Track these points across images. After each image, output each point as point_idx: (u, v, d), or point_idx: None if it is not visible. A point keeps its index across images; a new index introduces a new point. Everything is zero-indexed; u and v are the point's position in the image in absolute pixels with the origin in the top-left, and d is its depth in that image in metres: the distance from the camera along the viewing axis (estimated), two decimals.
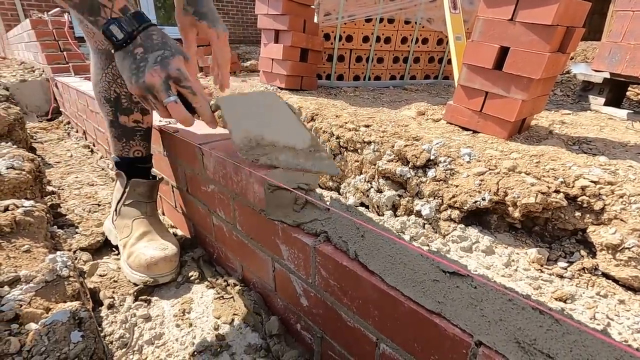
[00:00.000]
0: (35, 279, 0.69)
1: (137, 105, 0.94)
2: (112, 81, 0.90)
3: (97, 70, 0.92)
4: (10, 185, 1.02)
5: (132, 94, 0.90)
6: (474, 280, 0.48)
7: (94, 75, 0.93)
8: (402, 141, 1.36)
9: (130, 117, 0.94)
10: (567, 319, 0.39)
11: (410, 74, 2.76)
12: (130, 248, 0.95)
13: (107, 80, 0.90)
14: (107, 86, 0.91)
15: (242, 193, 0.77)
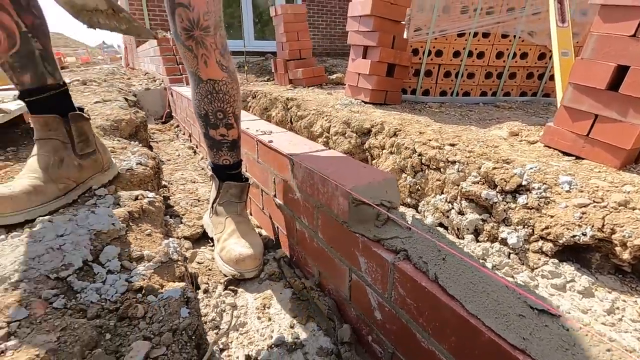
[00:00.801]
0: (154, 259, 0.83)
1: (221, 121, 1.03)
2: (201, 100, 0.99)
3: (191, 90, 1.02)
4: (138, 178, 1.23)
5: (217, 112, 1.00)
6: (566, 321, 0.45)
7: (191, 94, 1.04)
8: (490, 163, 1.30)
9: (217, 131, 1.04)
10: None
11: (504, 90, 2.59)
12: (223, 243, 1.07)
13: (198, 99, 0.99)
14: (198, 104, 1.01)
15: (327, 204, 0.83)
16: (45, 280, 0.65)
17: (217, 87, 0.97)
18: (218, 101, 0.98)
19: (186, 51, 0.92)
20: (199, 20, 0.87)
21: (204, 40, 0.90)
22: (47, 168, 0.91)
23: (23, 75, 0.88)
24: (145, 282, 0.74)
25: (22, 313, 0.57)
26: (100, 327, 0.59)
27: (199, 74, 0.95)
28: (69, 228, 0.77)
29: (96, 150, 1.05)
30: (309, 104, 2.43)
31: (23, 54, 0.86)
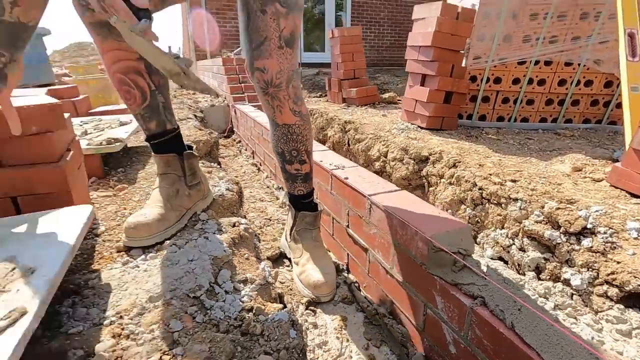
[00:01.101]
0: (255, 282, 0.99)
1: (295, 158, 1.14)
2: (277, 140, 1.12)
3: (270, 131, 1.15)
4: (228, 203, 1.43)
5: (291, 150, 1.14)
6: None
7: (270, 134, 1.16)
8: (553, 203, 1.34)
9: (292, 166, 1.16)
10: None
11: (565, 117, 2.55)
12: (302, 267, 1.20)
13: (275, 139, 1.12)
14: (275, 143, 1.14)
15: (405, 244, 0.95)
16: (186, 298, 0.83)
17: (291, 130, 1.10)
18: (292, 142, 1.11)
19: (265, 103, 1.07)
20: (272, 80, 1.00)
21: (277, 94, 1.03)
22: (168, 198, 1.11)
23: (150, 123, 1.10)
24: (253, 303, 0.90)
25: (179, 325, 0.75)
26: (233, 341, 0.75)
27: (275, 120, 1.08)
28: (195, 254, 0.96)
29: (200, 181, 1.25)
30: (366, 127, 2.56)
31: (151, 107, 1.07)
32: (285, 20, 0.92)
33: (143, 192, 1.44)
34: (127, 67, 1.00)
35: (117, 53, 0.97)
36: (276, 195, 2.12)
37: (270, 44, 0.94)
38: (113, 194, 1.43)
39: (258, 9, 0.90)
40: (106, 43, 0.96)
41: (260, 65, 0.97)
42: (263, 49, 0.94)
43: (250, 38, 0.95)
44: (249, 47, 0.96)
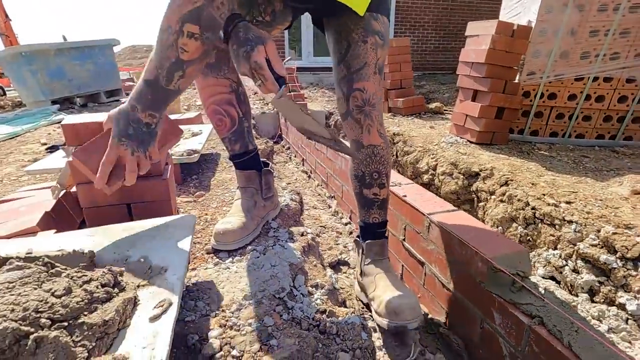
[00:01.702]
0: (325, 287, 1.13)
1: (376, 181, 1.16)
2: (360, 163, 1.15)
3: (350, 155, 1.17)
4: (292, 212, 1.58)
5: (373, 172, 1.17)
6: None
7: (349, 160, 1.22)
8: (610, 227, 1.36)
9: (370, 191, 1.16)
10: None
11: (625, 135, 2.47)
12: (379, 299, 1.11)
13: (357, 162, 1.15)
14: (356, 167, 1.15)
15: (464, 263, 1.04)
16: (273, 299, 0.98)
17: (376, 151, 1.15)
18: (375, 163, 1.16)
19: (354, 123, 1.13)
20: (369, 99, 1.09)
21: (371, 113, 1.10)
22: (248, 209, 1.27)
23: (235, 145, 1.25)
24: (325, 306, 1.03)
25: (271, 321, 0.90)
26: (315, 338, 0.89)
27: (361, 140, 1.12)
28: (276, 260, 1.11)
29: (274, 194, 1.41)
30: (415, 140, 2.63)
31: (238, 131, 1.22)
32: (381, 50, 1.05)
33: (219, 199, 1.63)
34: (222, 99, 1.17)
35: (216, 88, 1.15)
36: (328, 203, 2.26)
37: (369, 69, 1.05)
38: (193, 200, 1.63)
39: (360, 39, 1.03)
40: (207, 79, 1.14)
41: (360, 86, 1.07)
42: (363, 73, 1.05)
43: (350, 64, 1.05)
44: (347, 71, 1.06)
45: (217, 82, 1.14)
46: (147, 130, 0.90)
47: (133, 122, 0.88)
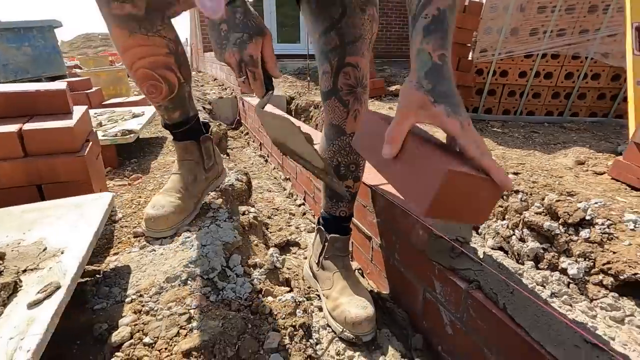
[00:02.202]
0: (264, 267, 1.05)
1: (352, 173, 1.05)
2: (337, 152, 1.02)
3: (326, 141, 1.04)
4: (237, 192, 1.48)
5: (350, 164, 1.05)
6: (614, 356, 0.58)
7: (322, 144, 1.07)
8: (554, 195, 1.37)
9: (344, 183, 1.06)
10: None
11: (572, 111, 2.55)
12: (335, 302, 1.04)
13: (333, 150, 1.02)
14: (332, 155, 1.02)
15: (406, 232, 0.99)
16: (201, 280, 0.89)
17: None
18: (354, 154, 1.03)
19: (339, 105, 0.97)
20: (363, 79, 0.95)
21: (361, 97, 0.97)
22: (187, 187, 1.09)
23: (174, 113, 1.04)
24: (262, 285, 0.96)
25: (194, 303, 0.81)
26: (244, 319, 0.81)
27: (344, 127, 0.99)
28: (208, 239, 1.02)
29: (215, 161, 1.20)
30: None
31: (178, 98, 1.02)
32: (376, 25, 0.93)
33: (157, 181, 1.50)
34: (157, 62, 0.95)
35: (146, 49, 0.92)
36: (283, 186, 2.18)
37: (364, 44, 0.92)
38: (128, 183, 1.50)
39: (358, 5, 0.88)
40: (133, 38, 0.89)
41: (353, 61, 0.92)
42: (358, 46, 0.91)
43: (345, 33, 0.90)
44: (340, 41, 0.91)
45: (149, 42, 0.91)
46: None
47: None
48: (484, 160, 0.51)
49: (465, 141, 0.53)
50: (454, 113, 0.53)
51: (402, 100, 0.58)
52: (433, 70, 0.57)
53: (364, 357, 0.97)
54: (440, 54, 0.58)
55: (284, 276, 1.11)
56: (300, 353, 0.78)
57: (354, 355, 0.98)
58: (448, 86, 0.56)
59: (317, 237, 1.20)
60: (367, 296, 1.06)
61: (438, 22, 0.59)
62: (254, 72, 0.70)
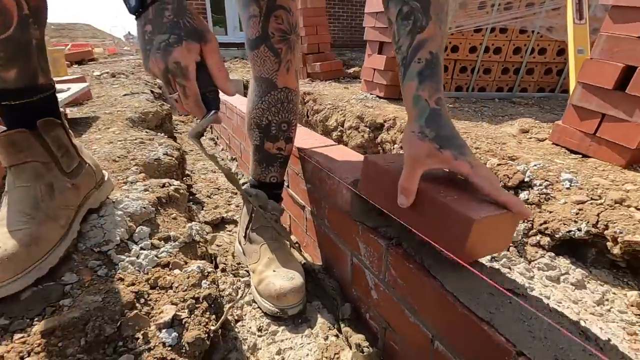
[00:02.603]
0: (179, 239, 0.94)
1: (284, 133, 0.96)
2: (267, 109, 0.92)
3: (254, 98, 0.93)
4: (165, 167, 1.35)
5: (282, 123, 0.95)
6: (528, 299, 0.53)
7: (250, 101, 0.95)
8: (495, 160, 1.34)
9: (275, 145, 0.97)
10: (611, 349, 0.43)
11: (521, 86, 2.58)
12: (260, 275, 0.96)
13: (263, 107, 0.92)
14: (261, 113, 0.93)
15: (332, 195, 0.91)
16: (90, 253, 0.77)
17: (290, 96, 0.92)
18: (287, 112, 0.94)
19: (270, 54, 0.86)
20: (296, 25, 0.86)
21: (294, 46, 0.87)
22: (36, 205, 0.68)
23: (8, 71, 0.64)
24: (172, 259, 0.85)
25: (74, 278, 0.69)
26: (136, 293, 0.70)
27: (275, 80, 0.89)
28: (108, 210, 0.89)
29: (82, 161, 0.83)
30: (325, 98, 2.50)
31: (16, 42, 0.63)
32: None
33: None
34: None
35: None
36: (229, 166, 2.05)
37: None
38: None
39: None
40: None
41: (286, 4, 0.83)
42: None
43: None
44: None
45: None
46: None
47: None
48: (502, 197, 0.54)
49: (479, 180, 0.55)
50: (461, 155, 0.56)
51: (409, 150, 0.60)
52: (432, 116, 0.59)
53: (289, 332, 0.89)
54: (437, 98, 0.60)
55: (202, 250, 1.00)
56: (200, 327, 0.68)
57: (277, 330, 0.89)
58: (449, 129, 0.59)
59: (244, 208, 1.11)
60: (297, 268, 0.98)
61: (432, 66, 0.59)
62: (184, 86, 0.54)
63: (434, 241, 0.58)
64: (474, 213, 0.51)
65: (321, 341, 0.86)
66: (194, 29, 0.54)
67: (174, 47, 0.52)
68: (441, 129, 0.58)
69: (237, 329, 0.88)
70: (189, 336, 0.65)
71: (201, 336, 0.66)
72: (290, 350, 0.84)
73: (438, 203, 0.56)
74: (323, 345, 0.84)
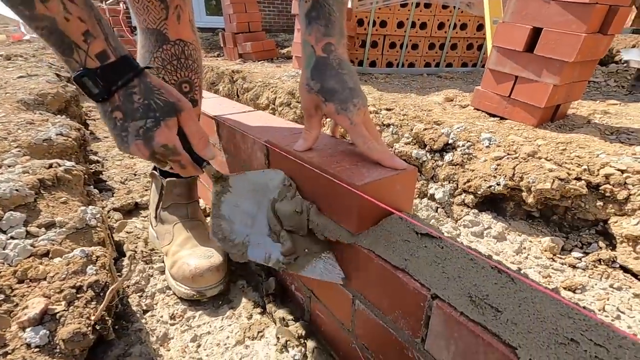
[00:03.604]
0: (67, 225, 0.79)
1: (186, 95, 0.83)
2: (162, 67, 0.79)
3: (145, 54, 0.80)
4: (58, 149, 1.15)
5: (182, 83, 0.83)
6: (442, 240, 0.49)
7: (141, 58, 0.81)
8: (421, 124, 1.35)
9: None
10: (522, 277, 0.40)
11: (447, 62, 2.67)
12: (174, 257, 0.86)
13: (156, 65, 0.79)
14: (156, 72, 0.80)
15: (249, 160, 0.82)
16: None
17: (187, 51, 0.79)
18: (186, 69, 0.81)
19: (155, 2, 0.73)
20: None
21: None
22: None
23: None
24: (54, 247, 0.70)
25: None
26: None
27: (165, 31, 0.76)
28: None
29: None
30: (255, 76, 2.37)
31: None
32: None
33: None
34: None
35: None
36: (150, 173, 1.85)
37: None
38: None
39: None
40: None
41: None
42: None
43: None
44: None
45: None
46: None
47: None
48: (374, 154, 0.56)
49: (354, 137, 0.57)
50: (343, 110, 0.56)
51: (302, 102, 0.62)
52: (318, 66, 0.57)
53: (207, 316, 0.79)
54: (325, 43, 0.56)
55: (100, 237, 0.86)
56: (82, 320, 0.56)
57: (194, 315, 0.79)
58: (337, 80, 0.57)
59: (153, 186, 0.98)
60: (215, 246, 0.88)
61: (319, 7, 0.56)
62: (178, 161, 0.57)
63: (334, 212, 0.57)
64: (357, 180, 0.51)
65: (244, 321, 0.78)
66: (166, 104, 0.54)
67: (155, 131, 0.53)
68: (326, 81, 0.57)
69: (145, 319, 0.77)
70: (65, 332, 0.53)
71: (81, 330, 0.54)
72: (208, 335, 0.74)
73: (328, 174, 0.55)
74: (246, 325, 0.77)
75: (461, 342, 0.40)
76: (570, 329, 0.35)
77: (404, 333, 0.49)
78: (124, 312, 0.76)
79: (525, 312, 0.38)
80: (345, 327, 0.63)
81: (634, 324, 0.78)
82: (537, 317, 0.37)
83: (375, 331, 0.55)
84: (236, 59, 3.54)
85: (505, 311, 0.38)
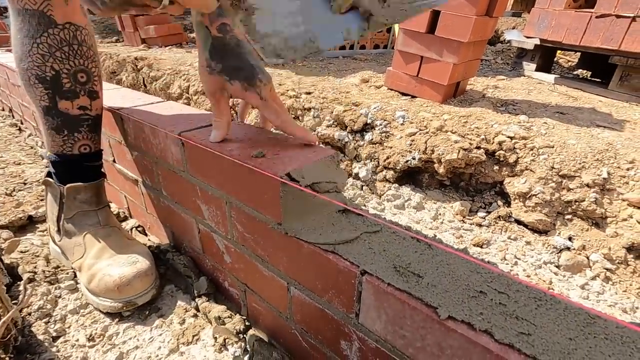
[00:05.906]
0: None
1: (83, 87, 0.74)
2: (49, 54, 0.68)
3: (23, 40, 0.68)
4: None
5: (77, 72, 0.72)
6: (366, 218, 0.51)
7: (19, 45, 0.69)
8: (341, 107, 1.38)
9: (75, 103, 0.73)
10: (436, 243, 0.44)
11: (360, 44, 2.76)
12: (90, 270, 0.76)
13: (41, 53, 0.68)
14: (41, 61, 0.69)
15: (162, 156, 0.76)
16: None
17: (80, 36, 0.70)
18: (80, 57, 0.71)
19: None
20: None
21: None
22: None
23: None
24: None
25: None
26: None
27: (50, 13, 0.66)
28: None
29: None
30: (164, 63, 2.18)
31: None
32: None
33: None
34: None
35: None
36: (40, 154, 1.60)
37: None
38: None
39: None
40: None
41: None
42: None
43: None
44: None
45: None
46: None
47: None
48: (289, 128, 0.58)
49: (266, 113, 0.58)
50: (251, 87, 0.56)
51: (204, 86, 0.60)
52: (216, 47, 0.56)
53: (133, 330, 0.73)
54: (220, 24, 0.55)
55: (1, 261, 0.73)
56: None
57: (117, 331, 0.72)
58: (238, 58, 0.56)
59: (49, 195, 0.84)
60: (140, 250, 0.81)
61: None
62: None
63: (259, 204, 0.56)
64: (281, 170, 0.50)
65: (177, 327, 0.73)
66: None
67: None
68: (227, 59, 0.56)
69: (57, 347, 0.67)
70: None
71: None
72: (136, 350, 0.68)
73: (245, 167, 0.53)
74: (179, 331, 0.72)
75: (390, 310, 0.43)
76: (479, 283, 0.40)
77: (339, 311, 0.51)
78: (28, 343, 0.66)
79: (442, 274, 0.42)
80: (284, 315, 0.63)
81: (527, 267, 0.92)
82: (452, 277, 0.41)
83: (313, 314, 0.56)
84: (139, 44, 3.21)
85: (426, 276, 0.42)
